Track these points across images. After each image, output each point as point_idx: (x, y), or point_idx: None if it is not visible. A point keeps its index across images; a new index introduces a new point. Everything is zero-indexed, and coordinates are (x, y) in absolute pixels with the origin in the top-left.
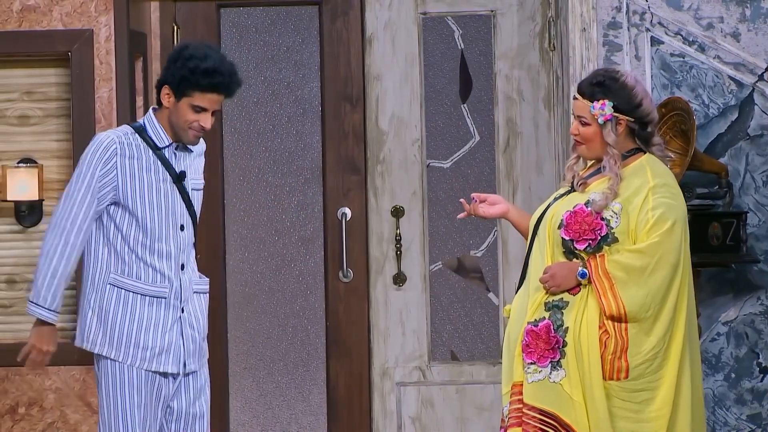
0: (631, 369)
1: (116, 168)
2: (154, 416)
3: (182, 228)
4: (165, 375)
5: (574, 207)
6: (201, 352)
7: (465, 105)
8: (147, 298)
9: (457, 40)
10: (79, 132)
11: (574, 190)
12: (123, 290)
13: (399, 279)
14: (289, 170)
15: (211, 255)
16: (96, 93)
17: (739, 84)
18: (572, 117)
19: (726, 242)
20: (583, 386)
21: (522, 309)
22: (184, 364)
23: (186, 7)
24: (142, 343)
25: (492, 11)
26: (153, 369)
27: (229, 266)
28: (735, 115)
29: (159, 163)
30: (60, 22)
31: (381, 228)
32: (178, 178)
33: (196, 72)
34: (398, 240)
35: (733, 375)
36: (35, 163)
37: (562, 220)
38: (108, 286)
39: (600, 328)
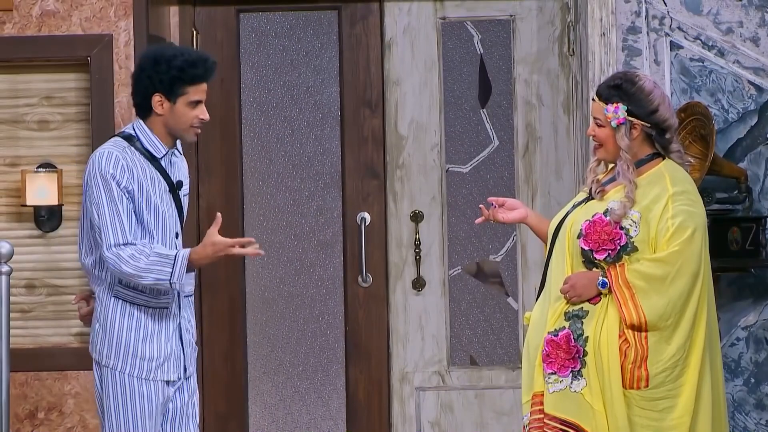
0: (651, 378)
1: (125, 183)
2: (159, 423)
3: (177, 236)
4: (168, 382)
5: (593, 216)
6: (195, 355)
7: (484, 110)
8: (150, 309)
9: (476, 45)
10: (99, 137)
11: (593, 198)
12: (127, 303)
13: (418, 284)
14: (308, 175)
15: (230, 260)
16: (115, 98)
17: (759, 89)
18: (591, 119)
19: (745, 247)
20: (603, 395)
21: (542, 317)
22: (185, 369)
23: (205, 12)
24: (148, 354)
25: (511, 16)
26: (158, 378)
27: (248, 271)
28: (754, 120)
29: (157, 173)
30: (79, 27)
31: (400, 233)
32: (175, 188)
33: (185, 68)
34: (417, 245)
35: (752, 380)
36: (54, 168)
37: (581, 229)
38: (112, 298)
39: (620, 337)
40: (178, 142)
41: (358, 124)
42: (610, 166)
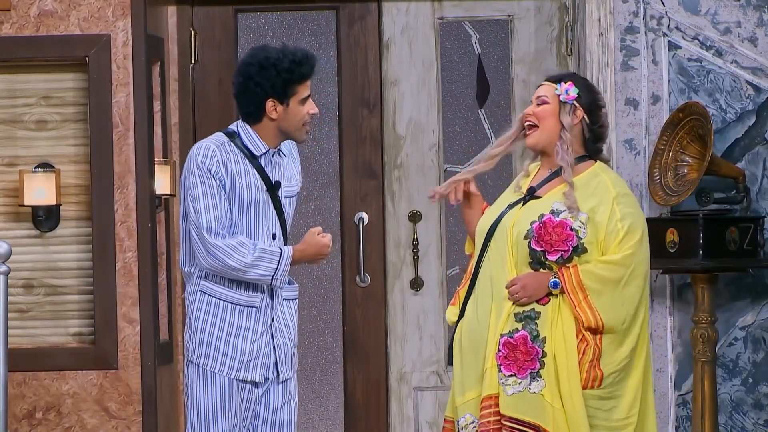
0: (604, 378)
1: (220, 176)
2: (242, 423)
3: (274, 237)
4: (255, 384)
5: (541, 218)
6: (293, 360)
7: (482, 110)
8: (237, 306)
9: (474, 45)
10: (97, 137)
11: (528, 198)
12: (213, 298)
13: (416, 284)
14: (306, 175)
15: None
16: (113, 98)
17: (757, 89)
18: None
19: (743, 247)
20: (561, 394)
21: (482, 318)
22: (276, 373)
23: (203, 11)
24: (231, 351)
25: (509, 16)
26: (240, 378)
27: None
28: (752, 120)
29: (255, 171)
30: (77, 27)
31: (398, 233)
32: (273, 187)
33: (293, 69)
34: (415, 245)
35: (750, 380)
36: (53, 167)
37: (530, 230)
38: (198, 293)
39: (578, 336)
40: (292, 145)
41: (356, 124)
42: (533, 166)
